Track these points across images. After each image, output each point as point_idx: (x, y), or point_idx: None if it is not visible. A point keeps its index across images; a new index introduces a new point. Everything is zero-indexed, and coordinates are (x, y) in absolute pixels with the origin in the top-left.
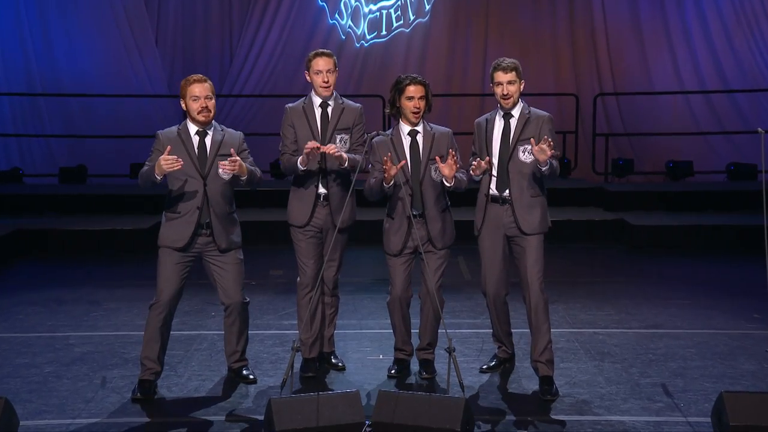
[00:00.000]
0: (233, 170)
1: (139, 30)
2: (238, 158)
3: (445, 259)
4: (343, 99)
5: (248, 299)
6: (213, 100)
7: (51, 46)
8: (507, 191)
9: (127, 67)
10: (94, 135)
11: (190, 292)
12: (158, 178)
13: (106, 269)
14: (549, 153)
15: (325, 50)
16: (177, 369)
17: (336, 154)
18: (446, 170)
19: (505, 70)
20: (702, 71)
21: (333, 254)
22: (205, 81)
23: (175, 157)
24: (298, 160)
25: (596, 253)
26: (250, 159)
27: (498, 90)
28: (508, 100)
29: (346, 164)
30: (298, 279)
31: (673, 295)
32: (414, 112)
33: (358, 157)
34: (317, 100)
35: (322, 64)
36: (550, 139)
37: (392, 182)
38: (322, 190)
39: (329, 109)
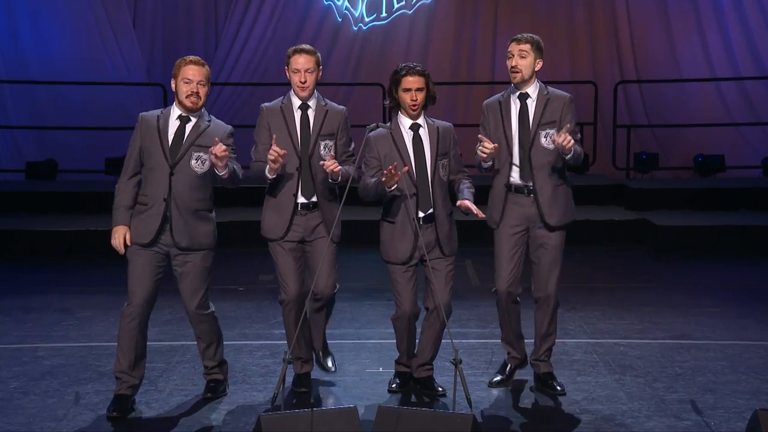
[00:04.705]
0: (222, 155)
1: (115, 10)
2: (224, 147)
3: (453, 267)
4: (326, 100)
5: (209, 309)
6: (206, 88)
7: (16, 27)
8: (529, 181)
9: (102, 52)
10: (64, 126)
11: (171, 299)
12: None
13: (78, 274)
14: (571, 141)
15: (307, 47)
16: (157, 383)
17: (335, 169)
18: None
19: (519, 41)
20: (735, 55)
21: (330, 273)
22: (203, 65)
23: None
24: (266, 169)
25: (617, 256)
26: (234, 157)
27: (507, 62)
28: (516, 75)
29: (338, 179)
30: (280, 296)
31: (702, 302)
32: (411, 106)
33: (349, 169)
34: (297, 101)
35: (301, 62)
36: (568, 125)
37: (394, 187)
38: (301, 199)
39: (310, 112)
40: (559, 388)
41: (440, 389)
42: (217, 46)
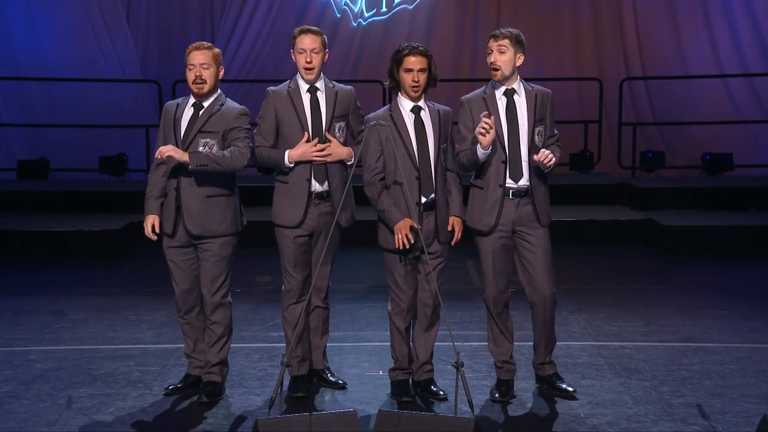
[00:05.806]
0: (168, 154)
1: (108, 6)
2: (170, 148)
3: (446, 257)
4: (333, 82)
5: (227, 299)
6: (211, 70)
7: (7, 24)
8: (522, 180)
9: (95, 48)
10: (56, 124)
11: (167, 302)
12: None
13: (71, 275)
14: (552, 159)
15: (313, 27)
16: (152, 387)
17: (330, 160)
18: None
19: (497, 37)
20: (744, 51)
21: (325, 261)
22: (208, 48)
23: None
24: (285, 155)
25: (622, 257)
26: (241, 137)
27: (487, 59)
28: (496, 72)
29: (351, 160)
30: (283, 286)
31: (710, 304)
32: (413, 87)
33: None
34: (304, 85)
35: (307, 42)
36: (544, 150)
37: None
38: (316, 187)
39: (319, 95)
40: (570, 389)
41: (441, 393)
42: (213, 42)
